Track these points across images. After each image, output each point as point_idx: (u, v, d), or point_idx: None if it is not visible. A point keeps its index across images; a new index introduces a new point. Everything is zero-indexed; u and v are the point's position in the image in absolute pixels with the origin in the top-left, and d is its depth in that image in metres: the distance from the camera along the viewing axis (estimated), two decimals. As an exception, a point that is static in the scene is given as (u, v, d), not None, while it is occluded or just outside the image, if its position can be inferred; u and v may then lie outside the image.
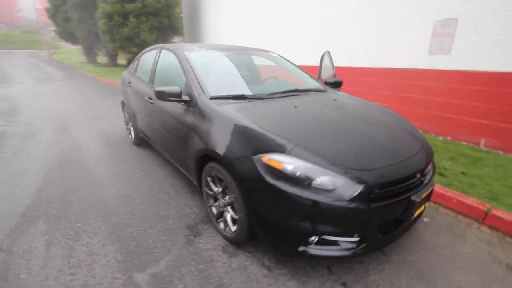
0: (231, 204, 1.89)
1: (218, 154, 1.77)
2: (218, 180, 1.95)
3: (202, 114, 2.05)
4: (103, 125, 5.08)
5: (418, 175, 1.68)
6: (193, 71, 2.35)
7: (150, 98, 2.84)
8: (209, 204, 2.17)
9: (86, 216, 2.31)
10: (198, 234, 2.10)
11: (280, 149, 1.57)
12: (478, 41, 3.45)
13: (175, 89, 2.18)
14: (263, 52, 3.23)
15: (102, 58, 19.12)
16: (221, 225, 2.04)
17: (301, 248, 1.56)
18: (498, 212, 2.17)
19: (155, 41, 13.69)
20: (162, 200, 2.57)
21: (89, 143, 4.12)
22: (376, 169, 1.54)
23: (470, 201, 2.35)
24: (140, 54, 3.77)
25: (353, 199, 1.44)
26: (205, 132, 1.95)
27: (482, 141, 3.61)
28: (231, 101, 2.12)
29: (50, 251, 1.90)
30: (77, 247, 1.95)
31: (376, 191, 1.48)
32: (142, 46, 13.45)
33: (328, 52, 3.54)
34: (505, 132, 3.39)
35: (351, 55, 5.04)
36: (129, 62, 18.54)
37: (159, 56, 3.03)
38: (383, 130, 1.91)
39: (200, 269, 1.76)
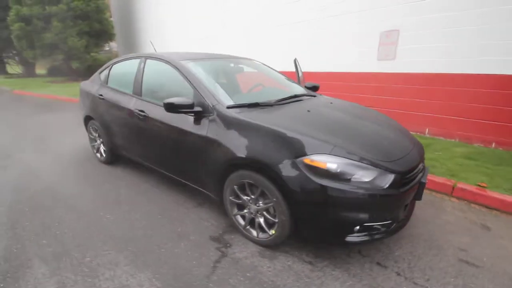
0: (266, 209, 1.95)
1: (259, 161, 1.81)
2: (249, 188, 1.98)
3: (225, 124, 2.04)
4: (55, 145, 4.40)
5: (421, 164, 2.03)
6: (202, 81, 2.31)
7: (142, 111, 2.64)
8: (234, 213, 2.17)
9: (93, 248, 2.04)
10: (228, 244, 2.08)
11: (321, 150, 1.71)
12: (416, 48, 4.23)
13: (186, 100, 2.12)
14: (248, 60, 3.33)
15: (15, 68, 16.16)
16: (253, 231, 2.07)
17: (348, 238, 1.73)
18: (462, 185, 2.74)
19: (86, 48, 12.29)
20: (172, 217, 2.43)
21: (47, 167, 3.54)
22: (397, 160, 1.82)
23: (439, 179, 2.89)
24: (109, 64, 3.43)
25: (388, 187, 1.68)
26: (234, 141, 1.95)
27: (427, 130, 4.42)
28: (247, 109, 2.17)
29: (69, 293, 1.64)
30: (101, 283, 1.73)
31: (403, 178, 1.76)
32: (70, 53, 11.94)
33: (296, 59, 3.84)
34: (443, 121, 4.22)
35: (315, 62, 5.52)
36: (51, 71, 16.14)
37: (144, 66, 2.84)
38: (386, 127, 2.23)
39: (249, 277, 1.77)
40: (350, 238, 1.73)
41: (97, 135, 3.60)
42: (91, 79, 3.70)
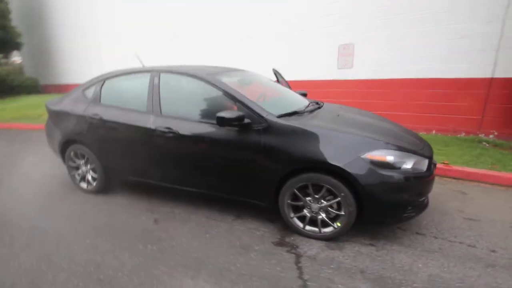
0: (330, 205, 2.17)
1: (326, 162, 2.01)
2: (313, 188, 2.16)
3: (283, 132, 2.17)
4: (16, 181, 3.57)
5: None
6: (244, 95, 2.37)
7: (169, 128, 2.50)
8: (291, 216, 2.30)
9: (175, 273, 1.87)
10: (295, 246, 2.21)
11: (378, 147, 2.05)
12: (369, 58, 5.12)
13: (237, 113, 2.18)
14: (249, 71, 3.46)
15: None
16: (315, 229, 2.25)
17: (404, 215, 2.11)
18: (433, 164, 3.52)
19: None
20: (221, 234, 2.38)
21: (19, 207, 2.89)
22: (423, 148, 2.31)
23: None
24: (97, 79, 3.05)
25: (427, 170, 2.14)
26: (298, 147, 2.11)
27: (383, 125, 5.37)
28: (292, 117, 2.36)
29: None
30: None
31: (430, 162, 2.25)
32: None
33: (274, 69, 4.16)
34: (393, 117, 5.19)
35: (282, 72, 5.94)
36: None
37: (159, 81, 2.67)
38: (397, 125, 2.74)
39: (335, 268, 1.95)
40: (406, 215, 2.12)
41: (83, 161, 3.13)
42: (69, 97, 3.19)
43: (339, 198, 2.09)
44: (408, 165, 2.05)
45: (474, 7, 4.07)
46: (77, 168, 3.22)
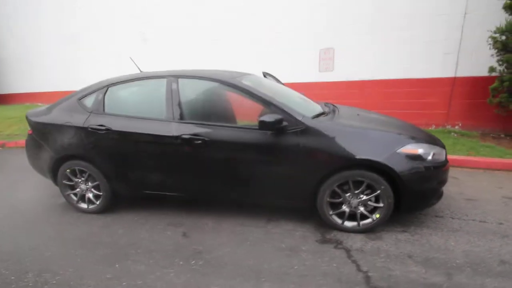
0: (369, 199, 2.29)
1: (370, 159, 2.14)
2: (353, 184, 2.25)
3: (321, 134, 2.23)
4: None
5: None
6: (275, 97, 2.38)
7: (196, 135, 2.37)
8: (330, 214, 2.37)
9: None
10: (339, 241, 2.28)
11: (409, 141, 2.24)
12: (348, 62, 5.50)
13: (276, 116, 2.19)
14: (257, 76, 3.46)
15: None
16: (354, 223, 2.35)
17: (430, 202, 2.33)
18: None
19: None
20: (262, 240, 2.34)
21: (17, 244, 2.46)
22: (437, 140, 2.58)
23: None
24: (97, 86, 2.75)
25: (444, 159, 2.40)
26: (338, 146, 2.19)
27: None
28: (322, 118, 2.45)
29: None
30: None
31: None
32: None
33: (264, 72, 4.25)
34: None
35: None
36: None
37: (177, 87, 2.52)
38: (405, 122, 3.01)
39: (386, 256, 2.06)
40: (432, 202, 2.35)
41: (81, 179, 2.78)
42: (59, 107, 2.81)
43: (378, 191, 2.23)
44: (432, 156, 2.28)
45: (439, 16, 4.70)
46: (73, 187, 2.85)
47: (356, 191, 2.27)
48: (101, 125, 2.59)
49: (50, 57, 8.45)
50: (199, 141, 2.38)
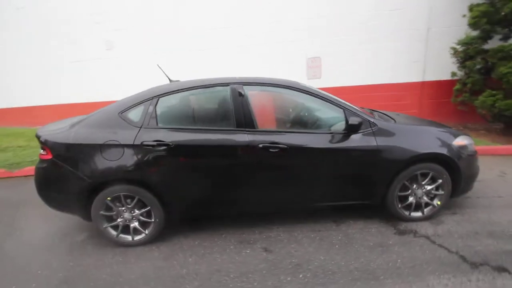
0: (432, 189, 2.55)
1: (435, 153, 2.42)
2: (421, 177, 2.49)
3: (390, 133, 2.43)
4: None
5: None
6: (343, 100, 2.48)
7: (274, 143, 2.29)
8: (399, 207, 2.56)
9: None
10: (415, 231, 2.47)
11: (457, 135, 2.60)
12: (336, 69, 5.97)
13: (358, 119, 2.31)
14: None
15: None
16: (419, 213, 2.59)
17: (471, 186, 2.73)
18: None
19: None
20: (345, 242, 2.39)
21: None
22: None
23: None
24: (146, 97, 2.38)
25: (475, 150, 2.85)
26: (407, 143, 2.41)
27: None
28: (380, 119, 2.66)
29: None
30: None
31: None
32: None
33: None
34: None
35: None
36: None
37: (245, 94, 2.39)
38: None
39: (465, 238, 2.32)
40: (471, 186, 2.76)
41: (126, 206, 2.37)
42: (91, 124, 2.34)
43: (440, 181, 2.52)
44: (471, 146, 2.69)
45: (410, 30, 5.55)
46: (112, 218, 2.40)
47: (423, 183, 2.53)
48: (158, 141, 2.27)
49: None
50: (276, 149, 2.30)
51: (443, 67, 5.35)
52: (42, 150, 2.40)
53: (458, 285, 1.84)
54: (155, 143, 2.27)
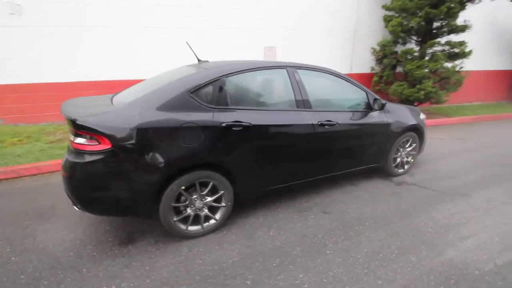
0: (411, 150, 3.57)
1: (417, 124, 3.39)
2: (406, 143, 3.45)
3: (391, 111, 3.25)
4: None
5: None
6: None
7: (329, 121, 2.68)
8: (393, 165, 3.46)
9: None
10: (404, 182, 3.42)
11: (419, 111, 3.70)
12: (287, 59, 6.57)
13: (384, 100, 3.00)
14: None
15: None
16: (402, 169, 3.58)
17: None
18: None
19: None
20: (377, 195, 3.09)
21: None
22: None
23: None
24: (212, 77, 2.23)
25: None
26: (402, 118, 3.29)
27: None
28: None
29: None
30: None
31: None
32: None
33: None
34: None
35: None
36: None
37: (300, 77, 2.61)
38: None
39: (418, 184, 3.44)
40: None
41: (197, 195, 2.23)
42: (157, 105, 2.02)
43: (414, 144, 3.56)
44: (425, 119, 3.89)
45: (342, 32, 6.77)
46: (180, 210, 2.21)
47: (406, 146, 3.50)
48: (237, 121, 2.23)
49: None
50: (330, 126, 2.70)
51: (364, 63, 6.91)
52: (83, 139, 1.89)
53: (451, 208, 2.83)
54: (235, 123, 2.22)
